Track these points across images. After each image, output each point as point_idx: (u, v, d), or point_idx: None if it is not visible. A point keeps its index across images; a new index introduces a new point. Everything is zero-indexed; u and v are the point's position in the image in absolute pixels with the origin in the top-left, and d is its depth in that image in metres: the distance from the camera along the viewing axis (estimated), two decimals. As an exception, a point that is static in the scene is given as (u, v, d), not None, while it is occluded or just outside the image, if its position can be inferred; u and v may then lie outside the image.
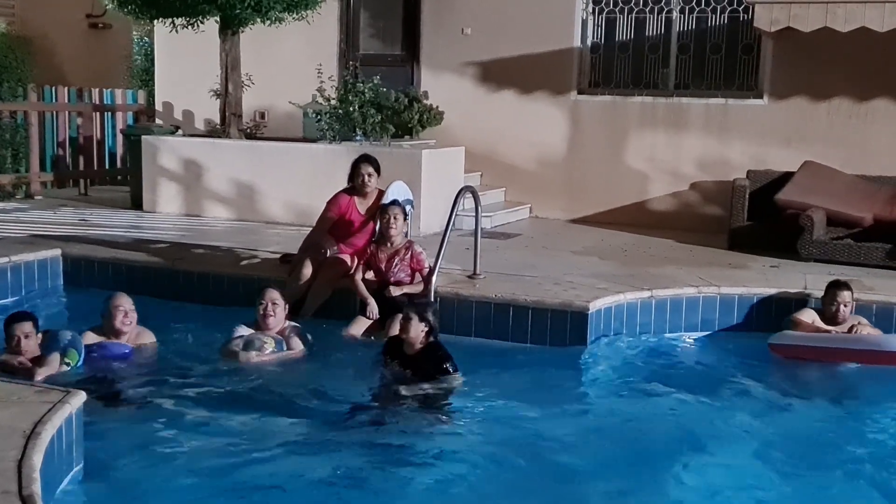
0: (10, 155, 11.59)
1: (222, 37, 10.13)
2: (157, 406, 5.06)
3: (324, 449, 4.66)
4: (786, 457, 4.76)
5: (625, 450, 4.83)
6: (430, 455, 4.62)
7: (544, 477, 4.49)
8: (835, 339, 6.26)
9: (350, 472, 4.39)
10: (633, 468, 4.60)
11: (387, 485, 4.32)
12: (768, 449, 4.85)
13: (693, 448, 4.81)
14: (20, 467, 3.28)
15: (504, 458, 4.61)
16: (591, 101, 10.70)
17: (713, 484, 4.41)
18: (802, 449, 4.93)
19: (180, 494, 4.10)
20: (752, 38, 10.07)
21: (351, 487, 4.27)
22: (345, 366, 5.92)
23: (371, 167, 6.97)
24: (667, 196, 10.42)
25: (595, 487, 4.41)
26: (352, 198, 7.01)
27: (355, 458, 4.55)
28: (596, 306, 6.32)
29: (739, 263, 8.06)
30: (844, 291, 6.34)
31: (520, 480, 4.43)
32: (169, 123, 11.95)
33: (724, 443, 4.91)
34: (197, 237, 8.66)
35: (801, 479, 4.53)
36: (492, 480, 4.42)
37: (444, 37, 11.15)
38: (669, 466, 4.57)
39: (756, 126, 10.00)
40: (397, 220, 6.48)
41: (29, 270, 7.34)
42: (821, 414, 5.50)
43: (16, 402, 3.92)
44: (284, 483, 4.25)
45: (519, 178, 10.89)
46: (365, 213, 7.00)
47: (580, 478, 4.51)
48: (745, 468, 4.61)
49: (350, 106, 9.76)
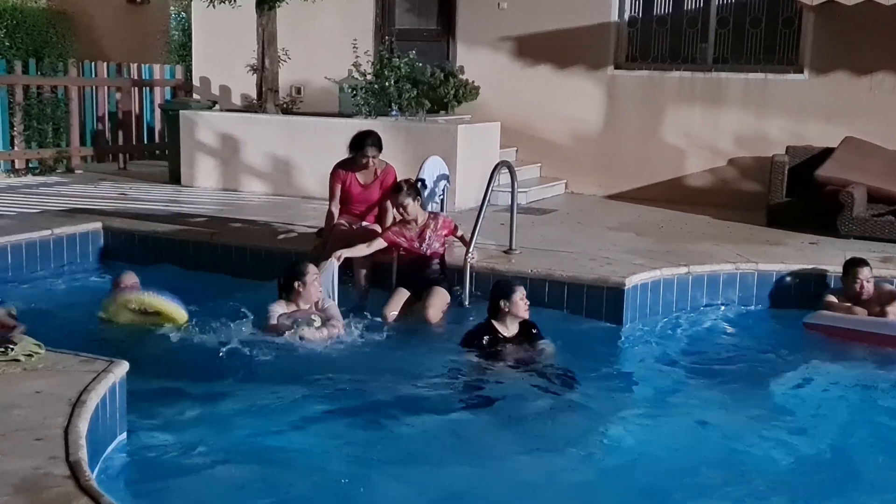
0: (52, 129, 11.75)
1: (259, 12, 10.15)
2: (198, 378, 5.14)
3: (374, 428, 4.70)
4: (824, 434, 4.75)
5: (661, 424, 4.84)
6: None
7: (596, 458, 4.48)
8: (869, 322, 6.21)
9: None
10: (670, 443, 4.61)
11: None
12: (806, 426, 4.84)
13: (728, 426, 4.80)
14: (67, 434, 3.34)
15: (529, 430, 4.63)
16: (628, 75, 10.61)
17: (750, 462, 4.40)
18: (839, 427, 4.91)
19: (221, 466, 4.16)
20: (793, 12, 9.92)
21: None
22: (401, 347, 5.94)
23: (375, 150, 6.91)
24: (704, 172, 10.33)
25: (637, 466, 4.40)
26: (349, 172, 7.00)
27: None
28: (632, 282, 6.30)
29: (777, 240, 7.99)
30: (864, 268, 6.34)
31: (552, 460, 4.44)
32: (206, 98, 12.02)
33: (761, 420, 4.88)
34: (234, 211, 8.74)
35: (840, 458, 4.51)
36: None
37: (480, 11, 11.09)
38: (706, 443, 4.57)
39: (796, 101, 9.86)
40: (407, 207, 6.40)
41: (70, 243, 7.46)
42: (859, 394, 5.45)
43: (61, 370, 4.00)
44: (321, 460, 4.30)
45: (554, 153, 10.85)
46: (365, 184, 7.01)
47: (627, 455, 4.51)
48: (781, 446, 4.59)
49: (386, 81, 9.77)
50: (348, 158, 7.02)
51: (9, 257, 6.98)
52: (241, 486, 3.98)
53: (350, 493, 3.97)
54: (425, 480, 4.12)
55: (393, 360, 5.56)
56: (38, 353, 4.15)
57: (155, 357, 5.41)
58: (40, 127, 11.61)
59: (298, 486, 4.02)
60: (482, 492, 4.07)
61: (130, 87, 12.43)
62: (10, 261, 6.99)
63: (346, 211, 7.09)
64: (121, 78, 12.39)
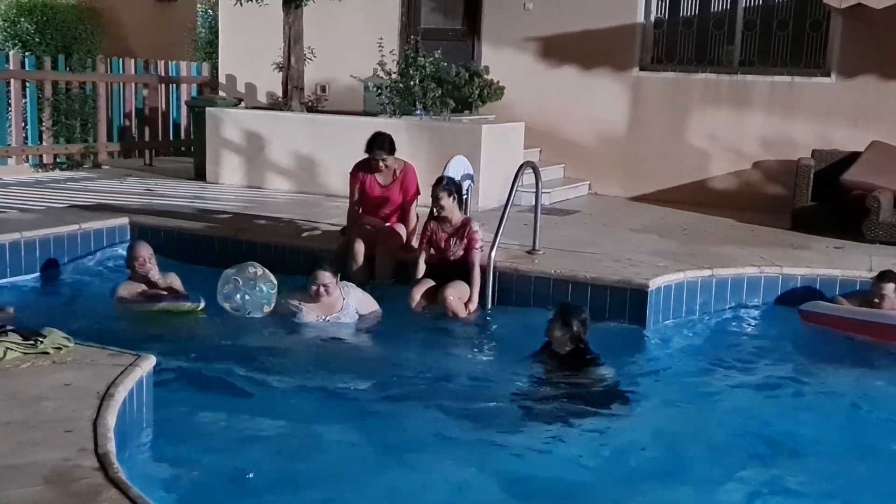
0: (79, 125, 11.87)
1: (285, 10, 10.20)
2: (224, 369, 5.21)
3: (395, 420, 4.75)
4: (851, 437, 4.73)
5: (684, 426, 4.84)
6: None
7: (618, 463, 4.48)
8: (862, 312, 6.23)
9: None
10: (695, 447, 4.60)
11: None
12: (833, 429, 4.82)
13: (758, 432, 4.79)
14: (95, 426, 3.39)
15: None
16: (654, 77, 10.58)
17: (778, 467, 4.39)
18: (865, 429, 4.89)
19: (244, 456, 4.22)
20: (820, 15, 9.86)
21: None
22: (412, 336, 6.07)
23: (384, 153, 6.96)
24: (728, 175, 10.29)
25: (662, 472, 4.39)
26: (368, 173, 7.08)
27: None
28: (656, 284, 6.29)
29: (802, 244, 7.95)
30: (887, 283, 6.28)
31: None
32: (232, 96, 12.08)
33: (787, 425, 4.88)
34: (258, 208, 8.78)
35: (867, 461, 4.49)
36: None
37: (505, 11, 11.09)
38: (734, 448, 4.56)
39: (822, 105, 9.80)
40: (441, 200, 6.47)
41: (97, 237, 7.53)
42: (885, 397, 5.43)
43: (89, 364, 4.04)
44: (345, 447, 4.35)
45: (578, 154, 10.84)
46: (385, 184, 7.08)
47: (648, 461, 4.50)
48: (809, 450, 4.58)
49: (410, 80, 9.80)
50: (366, 159, 7.08)
51: (37, 251, 7.06)
52: (265, 476, 4.02)
53: (375, 483, 4.01)
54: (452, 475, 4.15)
55: (411, 351, 5.76)
56: (67, 347, 4.20)
57: (178, 348, 5.49)
58: (68, 122, 11.76)
59: (323, 474, 4.07)
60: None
61: (157, 83, 12.53)
62: (39, 254, 7.07)
63: (369, 212, 7.13)
64: (148, 75, 12.48)
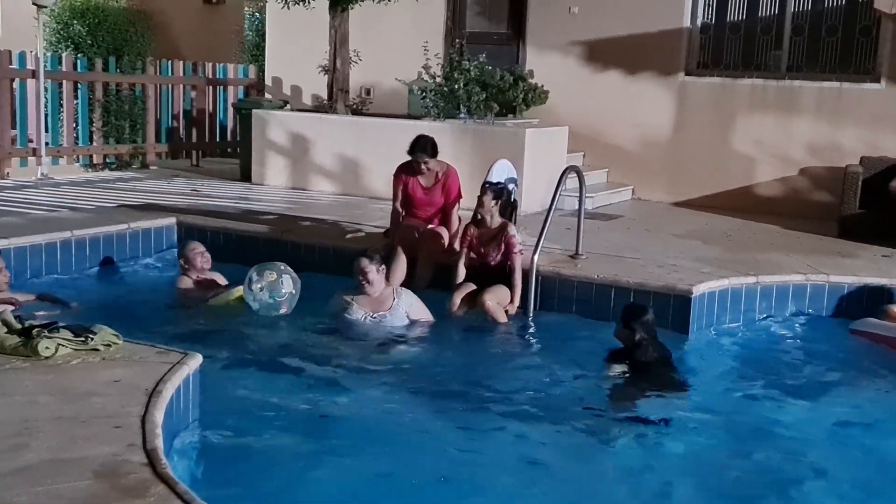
0: (128, 126, 12.08)
1: (332, 13, 10.30)
2: (271, 366, 5.32)
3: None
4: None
5: (727, 434, 4.81)
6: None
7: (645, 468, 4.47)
8: None
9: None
10: (735, 450, 4.59)
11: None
12: (877, 438, 4.76)
13: (794, 436, 4.75)
14: (144, 422, 3.45)
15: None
16: (699, 82, 10.51)
17: (821, 475, 4.34)
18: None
19: (290, 450, 4.27)
20: (870, 20, 9.72)
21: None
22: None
23: (426, 155, 6.98)
24: (774, 181, 10.18)
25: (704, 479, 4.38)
26: (411, 176, 7.11)
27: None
28: (700, 290, 6.25)
29: (849, 252, 7.85)
30: None
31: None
32: (278, 98, 12.21)
33: (830, 432, 4.82)
34: (303, 210, 8.87)
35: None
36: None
37: (550, 15, 11.09)
38: (771, 452, 4.53)
39: (871, 111, 9.67)
40: (483, 203, 6.50)
41: (146, 237, 7.66)
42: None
43: (138, 361, 4.12)
44: (391, 444, 4.38)
45: (622, 159, 10.79)
46: (427, 187, 7.11)
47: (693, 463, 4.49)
48: (853, 459, 4.54)
49: (455, 83, 9.83)
50: (409, 161, 7.13)
51: (87, 249, 7.20)
52: (311, 471, 4.07)
53: (425, 480, 4.03)
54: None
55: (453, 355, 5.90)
56: (117, 344, 4.28)
57: (224, 345, 5.61)
58: (118, 123, 11.97)
59: (367, 469, 4.10)
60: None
61: (205, 85, 12.70)
62: (89, 252, 7.21)
63: (411, 215, 7.16)
64: (196, 77, 12.66)
